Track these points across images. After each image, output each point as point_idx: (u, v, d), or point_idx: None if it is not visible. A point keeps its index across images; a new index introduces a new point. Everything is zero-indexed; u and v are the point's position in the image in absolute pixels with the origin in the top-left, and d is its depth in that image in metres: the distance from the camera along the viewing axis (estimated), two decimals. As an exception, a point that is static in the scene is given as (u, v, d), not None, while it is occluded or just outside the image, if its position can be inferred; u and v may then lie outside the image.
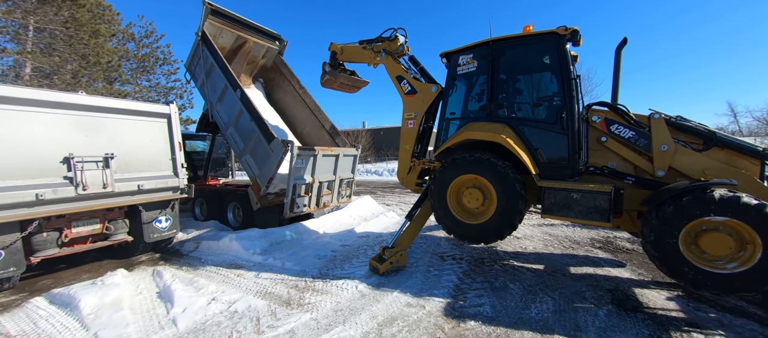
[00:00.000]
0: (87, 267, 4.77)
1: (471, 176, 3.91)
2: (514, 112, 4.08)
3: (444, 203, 4.11)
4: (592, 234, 6.19)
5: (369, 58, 5.24)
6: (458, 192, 4.12)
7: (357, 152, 7.93)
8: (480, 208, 3.96)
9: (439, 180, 4.11)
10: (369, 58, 5.24)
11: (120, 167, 4.54)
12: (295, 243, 5.40)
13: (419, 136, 5.00)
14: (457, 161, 3.96)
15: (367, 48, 5.21)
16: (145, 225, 4.98)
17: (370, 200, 8.97)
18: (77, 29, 11.79)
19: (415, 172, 5.17)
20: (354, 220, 7.49)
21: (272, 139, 5.95)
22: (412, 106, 4.89)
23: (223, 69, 6.85)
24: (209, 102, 7.57)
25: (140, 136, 4.82)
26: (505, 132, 3.77)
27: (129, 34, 20.41)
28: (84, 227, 4.45)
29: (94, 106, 4.33)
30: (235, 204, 6.98)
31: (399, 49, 4.93)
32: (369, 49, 5.18)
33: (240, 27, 8.02)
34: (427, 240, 5.72)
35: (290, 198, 5.99)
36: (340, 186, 7.49)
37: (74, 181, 4.04)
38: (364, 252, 5.06)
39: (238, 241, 5.03)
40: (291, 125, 9.03)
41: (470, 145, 4.10)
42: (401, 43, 5.00)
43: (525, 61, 4.03)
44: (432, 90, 4.76)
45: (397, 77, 4.98)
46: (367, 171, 22.86)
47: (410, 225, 4.51)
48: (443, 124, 4.66)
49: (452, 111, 4.56)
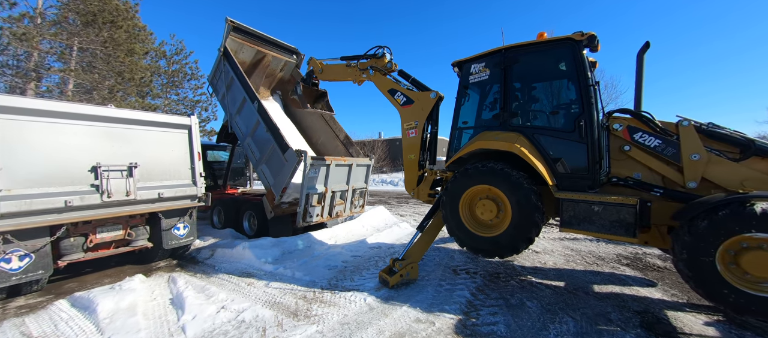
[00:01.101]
0: (110, 272, 4.98)
1: (484, 187, 3.77)
2: (528, 120, 3.94)
3: (456, 214, 3.98)
4: (619, 249, 5.80)
5: (354, 76, 5.15)
6: (471, 203, 3.98)
7: (370, 162, 7.93)
8: (494, 220, 3.80)
9: (451, 190, 4.00)
10: (354, 76, 5.15)
11: (142, 176, 4.76)
12: (306, 253, 5.40)
13: (423, 144, 4.90)
14: (469, 171, 3.84)
15: (352, 65, 5.14)
16: (164, 232, 5.15)
17: (383, 210, 8.90)
18: (114, 48, 12.75)
19: (427, 183, 5.08)
20: (366, 231, 7.43)
21: (287, 148, 6.07)
22: (410, 115, 4.77)
23: (242, 82, 7.13)
24: (229, 114, 7.88)
25: (162, 147, 5.05)
26: (519, 141, 3.63)
27: (161, 51, 21.83)
28: (108, 233, 4.67)
29: (120, 118, 4.59)
30: (251, 213, 7.12)
31: (387, 65, 4.91)
32: (354, 66, 5.11)
33: (259, 42, 8.36)
34: (439, 253, 5.55)
35: (303, 208, 6.03)
36: (353, 196, 7.49)
37: (100, 189, 4.26)
38: (375, 264, 4.97)
39: (250, 250, 5.10)
40: (306, 135, 9.21)
41: (483, 155, 3.98)
42: (389, 60, 4.90)
43: (540, 69, 3.90)
44: (430, 97, 4.65)
45: (389, 91, 4.91)
46: (382, 181, 22.85)
47: (421, 237, 4.40)
48: (455, 133, 4.57)
49: (465, 120, 4.47)
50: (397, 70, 5.11)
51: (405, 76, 5.11)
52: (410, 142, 4.96)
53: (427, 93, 4.81)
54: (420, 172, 5.05)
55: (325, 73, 5.80)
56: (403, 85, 4.98)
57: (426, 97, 4.79)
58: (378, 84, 5.11)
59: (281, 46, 8.89)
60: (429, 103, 4.74)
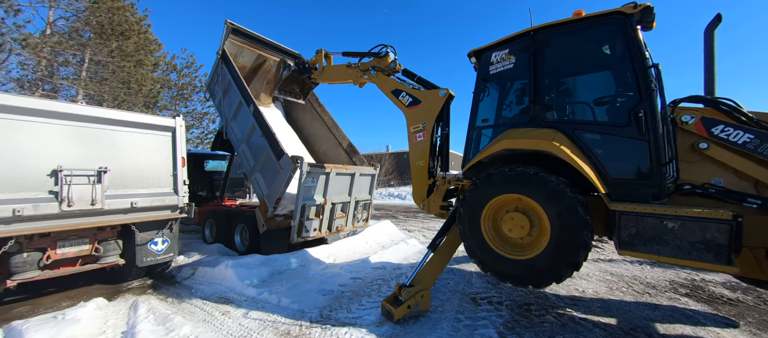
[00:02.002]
0: (73, 293, 4.34)
1: (513, 196, 3.01)
2: (566, 114, 3.20)
3: (477, 231, 3.21)
4: (670, 274, 4.85)
5: (354, 77, 4.74)
6: (496, 217, 3.22)
7: (375, 171, 7.24)
8: (526, 239, 3.02)
9: (471, 201, 3.25)
10: (354, 77, 4.74)
11: (113, 182, 4.17)
12: (298, 274, 4.66)
13: (433, 148, 4.23)
14: (493, 177, 3.10)
15: (352, 66, 4.75)
16: (138, 247, 4.51)
17: (389, 225, 8.13)
18: (122, 59, 12.71)
19: (440, 193, 4.34)
20: (370, 247, 6.66)
21: (282, 154, 5.46)
22: (417, 117, 4.21)
23: (238, 85, 6.66)
24: (225, 119, 7.39)
25: (140, 150, 4.49)
26: (557, 139, 2.89)
27: (172, 65, 22.14)
28: (71, 248, 4.05)
29: (92, 117, 4.06)
30: (243, 227, 6.47)
31: (390, 65, 4.47)
32: (355, 67, 4.71)
33: (260, 46, 7.95)
34: (455, 276, 4.73)
35: (298, 221, 5.34)
36: (355, 209, 6.76)
37: (59, 196, 3.68)
38: (378, 289, 4.19)
39: (233, 269, 4.40)
40: (308, 144, 8.64)
41: (509, 158, 3.25)
42: (392, 60, 4.49)
43: (580, 51, 3.19)
44: (439, 94, 4.09)
45: (393, 92, 4.43)
46: (389, 195, 22.07)
47: (434, 258, 3.62)
48: (473, 134, 3.86)
49: (484, 118, 3.77)
50: (401, 70, 4.59)
51: (410, 75, 4.57)
52: (418, 146, 4.29)
53: (435, 91, 4.21)
54: (430, 181, 4.34)
55: (325, 74, 5.38)
56: (408, 85, 4.44)
57: (434, 96, 4.16)
58: (380, 85, 4.61)
59: (284, 51, 8.46)
60: (438, 101, 4.12)
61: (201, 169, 9.66)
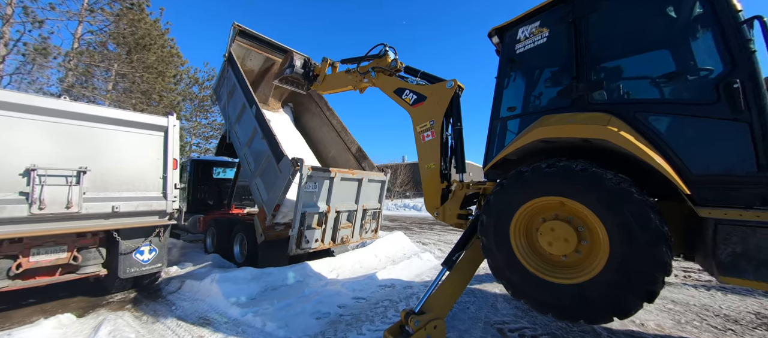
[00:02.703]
0: (49, 306, 3.95)
1: (553, 200, 2.31)
2: (621, 93, 2.48)
3: (505, 245, 2.51)
4: (752, 304, 3.85)
5: (354, 82, 4.53)
6: (529, 228, 2.51)
7: (385, 178, 6.64)
8: (571, 256, 2.29)
9: (497, 207, 2.57)
10: (354, 82, 4.53)
11: (94, 184, 3.82)
12: (293, 292, 4.07)
13: (445, 148, 3.69)
14: (525, 176, 2.41)
15: (352, 71, 4.54)
16: (121, 256, 4.11)
17: (402, 237, 7.43)
18: (143, 71, 13.06)
19: (456, 200, 3.67)
20: (379, 262, 5.99)
21: (281, 157, 5.00)
22: (423, 114, 3.76)
23: (242, 86, 6.35)
24: (229, 123, 7.10)
25: (127, 150, 4.15)
26: (612, 123, 2.19)
27: (194, 78, 22.92)
28: (46, 256, 3.69)
29: (73, 113, 3.76)
30: (242, 236, 6.01)
31: (391, 64, 4.15)
32: (354, 72, 4.48)
33: (268, 48, 7.70)
34: (476, 299, 3.97)
35: (297, 230, 4.80)
36: (363, 218, 6.15)
37: (30, 198, 3.34)
38: (383, 314, 3.51)
39: (219, 285, 3.87)
40: (316, 150, 8.22)
41: (544, 152, 2.56)
42: (393, 59, 4.19)
43: (639, 11, 2.48)
44: (446, 86, 3.65)
45: (395, 91, 4.05)
46: (404, 206, 21.31)
47: (450, 278, 2.93)
48: (496, 126, 3.20)
49: (510, 106, 3.10)
50: (403, 68, 4.19)
51: (412, 71, 4.15)
52: (427, 147, 3.75)
53: (441, 83, 3.73)
54: (444, 185, 3.72)
55: (325, 84, 5.19)
56: (411, 82, 4.04)
57: (441, 89, 3.69)
58: (383, 86, 4.24)
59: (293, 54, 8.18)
60: (445, 95, 3.63)
61: (209, 177, 9.42)
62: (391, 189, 29.94)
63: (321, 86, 5.28)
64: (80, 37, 12.40)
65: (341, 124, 7.87)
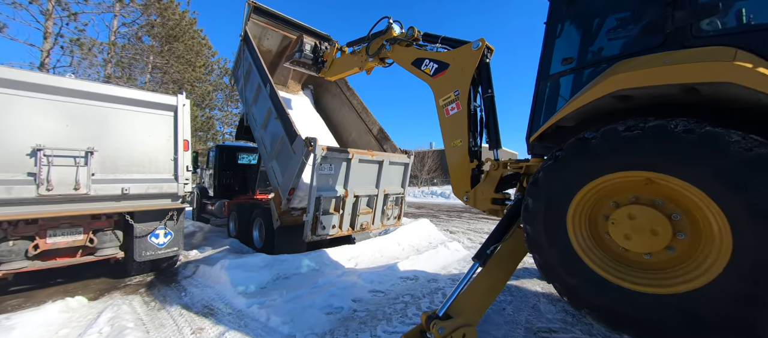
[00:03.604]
0: (71, 287, 3.98)
1: (635, 176, 1.65)
2: (745, 18, 1.71)
3: (561, 237, 1.90)
4: None
5: (360, 63, 4.32)
6: (595, 215, 1.87)
7: (409, 160, 6.09)
8: (661, 255, 1.63)
9: (549, 186, 1.95)
10: (360, 63, 4.32)
11: (102, 166, 3.69)
12: (306, 281, 3.74)
13: (473, 120, 3.13)
14: (592, 144, 1.76)
15: (357, 52, 4.34)
16: (136, 239, 4.03)
17: (427, 225, 6.90)
18: (171, 59, 13.45)
19: (491, 181, 3.07)
20: (402, 250, 5.53)
21: (295, 137, 4.64)
22: (446, 84, 3.22)
23: (257, 65, 6.05)
24: (247, 105, 6.91)
25: (136, 130, 3.99)
26: (741, 59, 1.46)
27: (224, 68, 23.57)
28: (62, 237, 3.66)
29: (81, 92, 3.62)
30: (261, 221, 5.83)
31: (408, 34, 3.67)
32: (359, 52, 4.26)
33: (285, 26, 7.31)
34: (513, 298, 3.38)
35: (312, 216, 4.45)
36: (384, 204, 5.69)
37: (37, 179, 3.25)
38: (403, 311, 3.05)
39: (228, 272, 3.63)
40: (336, 132, 7.83)
41: (614, 114, 1.86)
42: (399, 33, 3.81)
43: None
44: (471, 48, 3.07)
45: (413, 63, 3.55)
46: (432, 194, 20.63)
47: (483, 276, 2.37)
48: (545, 87, 2.53)
49: (566, 57, 2.39)
50: (421, 36, 3.67)
51: (432, 39, 3.60)
52: (452, 121, 3.21)
53: (465, 46, 3.15)
54: (474, 164, 3.13)
55: (332, 69, 5.06)
56: (431, 49, 3.53)
57: (466, 52, 3.12)
58: (399, 59, 3.79)
59: (311, 32, 7.74)
60: (471, 58, 3.06)
61: (234, 162, 9.47)
62: (418, 176, 29.27)
63: (328, 71, 5.12)
64: (116, 31, 12.96)
65: (362, 105, 7.38)
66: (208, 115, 18.65)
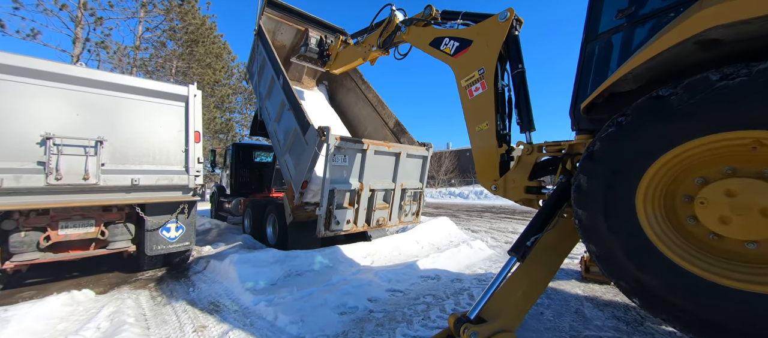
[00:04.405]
0: (85, 280, 3.92)
1: (736, 138, 1.25)
2: None
3: (629, 222, 1.51)
4: None
5: (363, 54, 4.15)
6: (672, 195, 1.47)
7: (428, 153, 5.74)
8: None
9: (611, 159, 1.57)
10: (363, 54, 4.15)
11: (112, 156, 3.60)
12: (319, 278, 3.48)
13: (501, 100, 2.76)
14: (672, 101, 1.37)
15: (360, 43, 4.17)
16: (148, 233, 3.92)
17: (448, 222, 6.50)
18: (191, 63, 13.79)
19: (525, 167, 2.70)
20: (421, 249, 5.18)
21: (307, 127, 4.42)
22: (469, 63, 2.85)
23: (270, 57, 5.92)
24: (260, 99, 6.80)
25: (147, 121, 3.89)
26: None
27: (244, 72, 24.16)
28: (74, 229, 3.59)
29: (92, 80, 3.55)
30: (274, 217, 5.66)
31: (426, 13, 3.35)
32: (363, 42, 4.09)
33: (299, 20, 7.19)
34: (550, 301, 2.96)
35: (325, 210, 4.20)
36: (402, 199, 5.37)
37: (46, 168, 3.17)
38: (425, 312, 2.71)
39: (236, 267, 3.43)
40: (352, 127, 7.61)
41: (689, 71, 1.45)
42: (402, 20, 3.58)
43: None
44: (498, 20, 2.68)
45: (431, 44, 3.21)
46: (450, 194, 20.06)
47: (522, 273, 2.00)
48: (593, 49, 2.15)
49: (624, 8, 1.99)
50: (439, 15, 3.33)
51: (452, 16, 3.24)
52: (477, 103, 2.86)
53: (491, 18, 2.78)
54: (503, 149, 2.77)
55: (337, 62, 4.90)
56: (450, 26, 3.20)
57: (492, 25, 2.74)
58: (415, 41, 3.49)
59: (325, 26, 7.59)
60: (498, 31, 2.68)
61: (250, 160, 9.47)
62: (436, 177, 28.68)
63: (333, 64, 4.98)
64: (141, 36, 13.46)
65: (378, 98, 7.12)
66: (228, 117, 19.05)
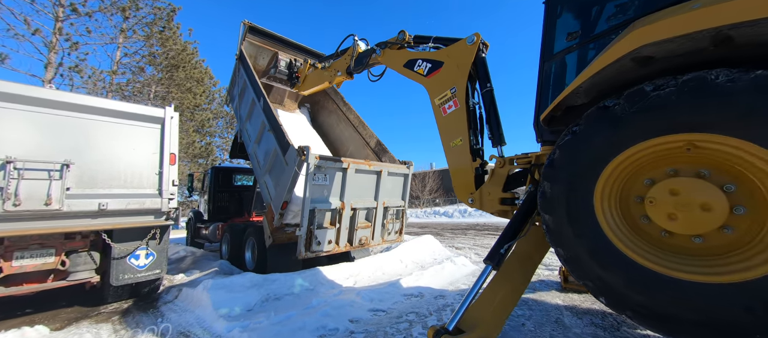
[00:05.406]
0: (39, 316, 3.59)
1: (673, 142, 1.39)
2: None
3: (589, 224, 1.60)
4: None
5: (329, 78, 4.41)
6: (625, 197, 1.58)
7: (408, 171, 5.84)
8: (716, 237, 1.33)
9: (569, 166, 1.68)
10: (329, 78, 4.41)
11: (80, 179, 3.44)
12: (298, 302, 3.36)
13: (473, 117, 2.94)
14: (616, 111, 1.52)
15: (327, 67, 4.41)
16: (114, 261, 3.69)
17: (431, 240, 6.51)
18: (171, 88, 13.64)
19: (498, 179, 2.80)
20: (405, 268, 5.13)
21: (287, 147, 4.43)
22: (441, 83, 3.07)
23: (251, 81, 6.01)
24: (241, 122, 6.79)
25: (119, 143, 3.78)
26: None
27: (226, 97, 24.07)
28: (31, 260, 3.33)
29: (60, 103, 3.45)
30: (253, 241, 5.48)
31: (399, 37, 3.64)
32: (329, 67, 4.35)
33: (280, 45, 7.38)
34: (530, 312, 2.98)
35: (306, 230, 4.13)
36: (384, 218, 5.36)
37: (4, 193, 2.99)
38: (407, 331, 2.66)
39: (210, 293, 3.26)
40: (334, 148, 7.66)
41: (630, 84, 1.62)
42: (364, 49, 3.93)
43: None
44: (466, 43, 2.92)
45: (406, 65, 3.45)
46: (435, 213, 20.14)
47: (498, 281, 2.04)
48: (550, 68, 2.34)
49: (573, 31, 2.20)
50: (412, 39, 3.61)
51: (423, 40, 3.53)
52: (450, 120, 3.02)
53: (460, 42, 3.02)
54: (477, 163, 2.90)
55: (305, 84, 5.06)
56: (422, 48, 3.44)
57: (461, 48, 2.98)
58: (390, 63, 3.72)
59: (306, 51, 7.82)
60: (467, 53, 2.93)
61: (230, 184, 9.23)
62: (420, 197, 28.82)
63: (301, 86, 5.19)
64: (119, 61, 13.26)
65: (359, 119, 7.26)
66: (208, 141, 18.67)
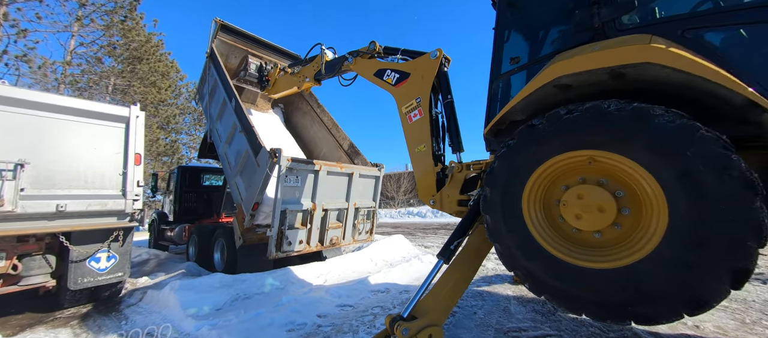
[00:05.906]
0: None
1: (579, 156, 1.73)
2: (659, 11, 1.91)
3: (517, 223, 1.92)
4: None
5: (298, 83, 4.65)
6: (548, 199, 1.92)
7: (380, 173, 6.07)
8: (609, 232, 1.69)
9: (503, 174, 1.99)
10: (298, 83, 4.65)
11: (36, 180, 3.32)
12: (267, 301, 3.47)
13: (435, 126, 3.24)
14: (539, 129, 1.84)
15: (296, 72, 4.65)
16: (72, 264, 3.57)
17: (401, 240, 6.79)
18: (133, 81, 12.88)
19: (456, 183, 3.10)
20: (375, 266, 5.35)
21: (259, 149, 4.49)
22: (408, 93, 3.36)
23: (222, 80, 5.93)
24: (211, 121, 6.67)
25: (79, 142, 3.67)
26: (657, 42, 1.61)
27: (193, 92, 22.94)
28: (-22, 264, 3.16)
29: (13, 100, 3.30)
30: (223, 242, 5.44)
31: (370, 47, 3.88)
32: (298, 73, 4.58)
33: (252, 45, 7.31)
34: (484, 302, 3.32)
35: (277, 230, 4.22)
36: (355, 218, 5.55)
37: (-51, 194, 2.83)
38: (371, 323, 2.88)
39: (177, 294, 3.28)
40: (307, 149, 7.72)
41: (559, 104, 1.97)
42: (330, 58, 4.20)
43: None
44: (430, 57, 3.24)
45: (375, 74, 3.72)
46: (408, 213, 20.59)
47: (448, 274, 2.32)
48: (498, 86, 2.67)
49: (514, 57, 2.55)
50: (381, 50, 3.88)
51: (392, 51, 3.79)
52: (415, 128, 3.29)
53: (424, 56, 3.34)
54: (438, 168, 3.20)
55: (275, 88, 5.31)
56: (391, 59, 3.72)
57: (425, 62, 3.29)
58: (361, 71, 3.97)
59: (279, 51, 7.80)
60: (430, 66, 3.23)
61: (198, 185, 8.95)
62: (395, 197, 29.27)
63: (271, 90, 5.38)
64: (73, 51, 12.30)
65: (332, 121, 7.39)
66: (173, 139, 17.76)
